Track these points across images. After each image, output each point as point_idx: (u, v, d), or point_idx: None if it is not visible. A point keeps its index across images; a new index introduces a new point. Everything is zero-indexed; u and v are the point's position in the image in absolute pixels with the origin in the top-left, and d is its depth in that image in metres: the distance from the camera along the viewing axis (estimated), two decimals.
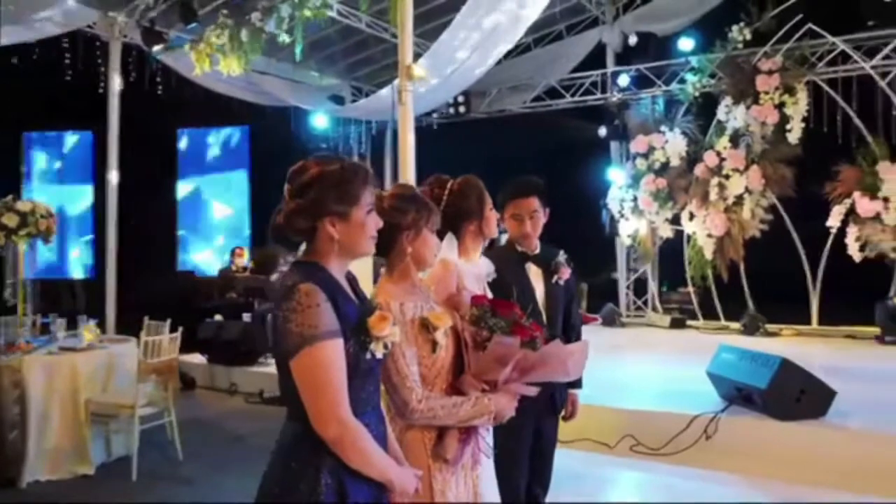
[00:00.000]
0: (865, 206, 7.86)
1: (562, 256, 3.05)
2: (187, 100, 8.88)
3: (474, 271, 2.45)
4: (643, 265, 10.03)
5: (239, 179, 11.54)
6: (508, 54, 8.83)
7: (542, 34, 10.55)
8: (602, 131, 10.22)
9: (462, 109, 10.91)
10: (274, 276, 8.47)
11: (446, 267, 2.31)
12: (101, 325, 6.56)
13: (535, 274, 2.95)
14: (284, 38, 7.19)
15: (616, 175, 9.86)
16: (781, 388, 4.34)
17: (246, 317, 7.91)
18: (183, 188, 11.39)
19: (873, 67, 8.13)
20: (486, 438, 2.23)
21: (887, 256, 7.93)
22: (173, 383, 5.03)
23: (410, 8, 5.43)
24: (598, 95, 10.36)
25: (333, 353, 1.61)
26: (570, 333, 3.04)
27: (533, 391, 2.31)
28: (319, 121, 11.18)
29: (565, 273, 3.03)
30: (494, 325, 2.21)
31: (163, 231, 11.13)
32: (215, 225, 11.52)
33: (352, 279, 1.92)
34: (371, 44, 9.73)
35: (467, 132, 10.84)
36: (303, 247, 1.83)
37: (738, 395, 4.62)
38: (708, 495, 3.77)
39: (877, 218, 7.81)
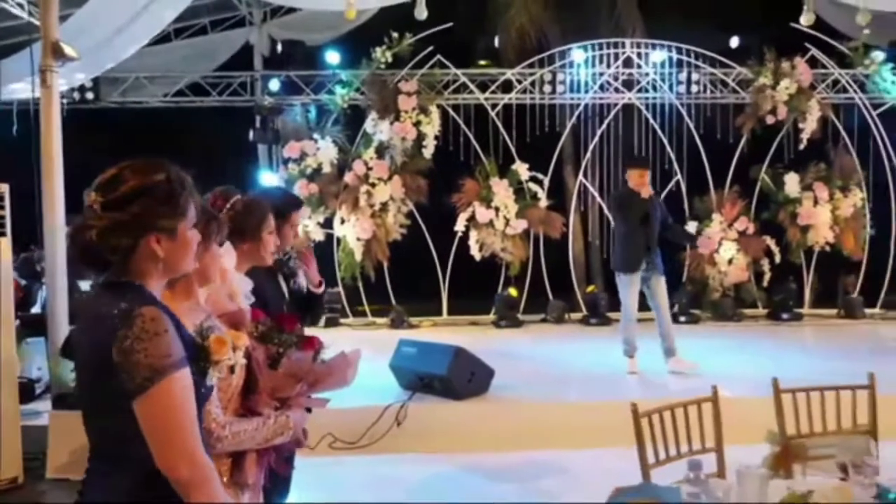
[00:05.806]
0: (482, 213, 9.47)
1: (295, 261, 3.18)
2: None
3: (246, 288, 2.38)
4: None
5: None
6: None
7: (185, 25, 9.93)
8: (251, 134, 10.10)
9: (90, 96, 9.60)
10: None
11: (224, 278, 2.20)
12: None
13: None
14: None
15: (269, 179, 9.87)
16: (456, 373, 5.03)
17: None
18: None
19: (486, 99, 9.80)
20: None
21: (498, 256, 9.66)
22: None
23: None
24: (247, 97, 10.21)
25: (187, 384, 1.48)
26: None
27: (323, 403, 2.34)
28: None
29: (302, 278, 3.16)
30: (286, 341, 2.19)
31: None
32: None
33: None
34: None
35: (99, 122, 9.58)
36: None
37: (421, 383, 5.18)
38: (417, 476, 4.18)
39: (490, 224, 9.48)
